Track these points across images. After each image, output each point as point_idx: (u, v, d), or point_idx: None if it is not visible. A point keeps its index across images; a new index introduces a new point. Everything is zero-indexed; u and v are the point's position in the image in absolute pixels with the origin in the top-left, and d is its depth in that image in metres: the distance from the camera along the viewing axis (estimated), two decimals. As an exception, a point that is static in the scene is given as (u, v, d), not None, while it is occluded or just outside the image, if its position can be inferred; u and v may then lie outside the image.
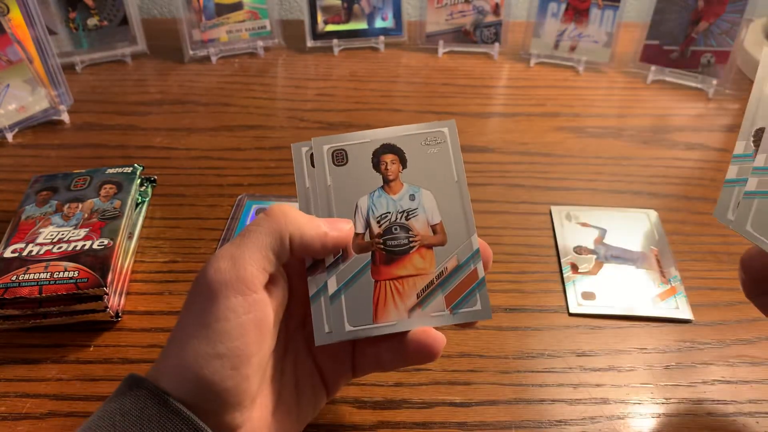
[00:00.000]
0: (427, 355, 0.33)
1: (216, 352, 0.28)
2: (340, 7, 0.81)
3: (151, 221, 0.55)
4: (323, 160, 0.35)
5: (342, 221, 0.33)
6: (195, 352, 0.28)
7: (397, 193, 0.35)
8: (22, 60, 0.63)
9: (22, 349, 0.44)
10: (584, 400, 0.42)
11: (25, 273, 0.43)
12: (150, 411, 0.28)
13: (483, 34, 0.82)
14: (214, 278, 0.29)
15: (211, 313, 0.29)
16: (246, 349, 0.29)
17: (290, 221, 0.31)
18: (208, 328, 0.28)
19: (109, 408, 0.29)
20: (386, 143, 0.35)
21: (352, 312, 0.33)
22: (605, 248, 0.52)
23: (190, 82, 0.76)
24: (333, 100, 0.73)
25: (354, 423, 0.40)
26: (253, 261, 0.30)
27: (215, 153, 0.64)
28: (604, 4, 0.76)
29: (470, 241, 0.34)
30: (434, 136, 0.35)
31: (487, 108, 0.73)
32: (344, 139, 0.35)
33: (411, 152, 0.35)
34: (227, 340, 0.28)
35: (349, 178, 0.34)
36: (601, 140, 0.67)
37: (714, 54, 0.74)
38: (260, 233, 0.31)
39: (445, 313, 0.33)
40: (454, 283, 0.33)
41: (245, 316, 0.29)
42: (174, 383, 0.29)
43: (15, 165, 0.62)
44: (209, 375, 0.28)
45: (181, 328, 0.30)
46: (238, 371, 0.29)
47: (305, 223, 0.32)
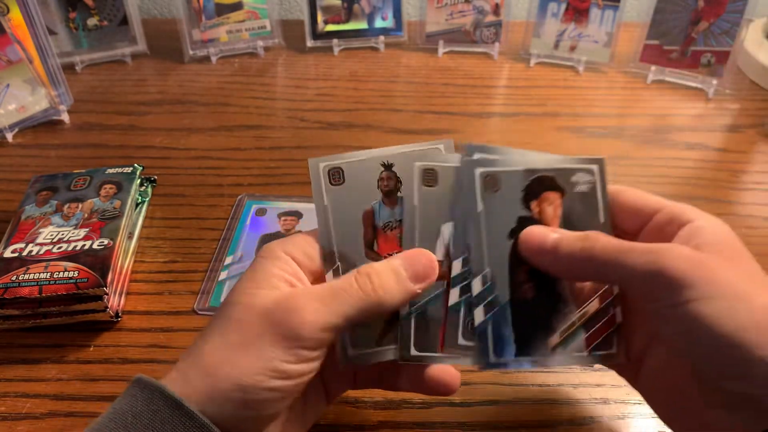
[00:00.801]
0: (443, 391, 0.35)
1: (272, 386, 0.29)
2: (340, 7, 0.81)
3: (151, 221, 0.55)
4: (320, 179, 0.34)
5: (421, 256, 0.32)
6: (252, 379, 0.28)
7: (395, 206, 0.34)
8: (22, 60, 0.63)
9: (22, 349, 0.44)
10: (584, 400, 0.42)
11: (25, 273, 0.43)
12: (163, 414, 0.27)
13: (483, 34, 0.82)
14: (297, 328, 0.29)
15: (282, 356, 0.29)
16: (297, 388, 0.30)
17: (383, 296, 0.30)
18: (273, 364, 0.28)
19: (120, 409, 0.28)
20: (384, 162, 0.34)
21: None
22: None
23: (190, 82, 0.76)
24: (333, 100, 0.73)
25: (354, 423, 0.40)
26: (334, 328, 0.29)
27: (215, 153, 0.64)
28: (604, 4, 0.76)
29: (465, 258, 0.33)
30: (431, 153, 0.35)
31: (487, 108, 0.73)
32: (341, 159, 0.34)
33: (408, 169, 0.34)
34: (285, 378, 0.29)
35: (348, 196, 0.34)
36: (601, 140, 0.67)
37: (714, 54, 0.74)
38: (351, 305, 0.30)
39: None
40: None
41: (306, 365, 0.29)
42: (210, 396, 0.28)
43: (15, 165, 0.62)
44: (256, 403, 0.28)
45: (241, 349, 0.29)
46: (281, 403, 0.30)
47: (396, 291, 0.31)
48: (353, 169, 0.34)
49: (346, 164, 0.34)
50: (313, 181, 0.34)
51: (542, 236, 0.32)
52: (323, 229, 0.33)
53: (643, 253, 0.29)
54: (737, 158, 0.66)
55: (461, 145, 0.34)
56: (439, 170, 0.33)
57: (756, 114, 0.72)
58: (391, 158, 0.34)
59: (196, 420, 0.27)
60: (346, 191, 0.34)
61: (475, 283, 0.33)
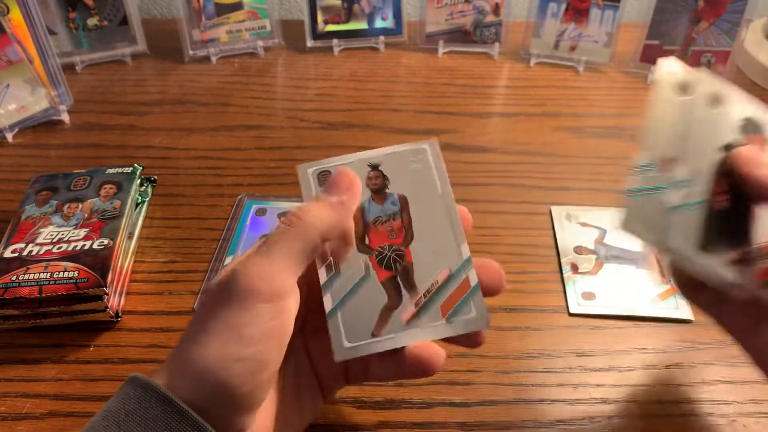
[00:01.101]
0: (426, 371, 0.34)
1: (239, 355, 0.28)
2: (340, 7, 0.81)
3: (151, 221, 0.55)
4: (310, 183, 0.36)
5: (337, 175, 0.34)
6: (217, 354, 0.28)
7: (384, 202, 0.36)
8: (22, 60, 0.63)
9: (22, 349, 0.44)
10: (584, 400, 0.42)
11: (25, 273, 0.43)
12: (155, 411, 0.27)
13: (483, 34, 0.82)
14: (244, 283, 0.29)
15: (239, 318, 0.28)
16: (267, 354, 0.29)
17: (312, 220, 0.31)
18: (233, 332, 0.28)
19: (113, 408, 0.29)
20: (371, 162, 0.36)
21: (350, 328, 0.33)
22: (605, 248, 0.52)
23: (190, 82, 0.76)
24: (333, 100, 0.73)
25: (354, 423, 0.40)
26: (283, 269, 0.30)
27: (215, 153, 0.64)
28: (604, 4, 0.76)
29: (459, 250, 0.34)
30: (416, 153, 0.36)
31: (487, 108, 0.73)
32: (329, 162, 0.36)
33: (394, 169, 0.36)
34: (251, 345, 0.28)
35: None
36: (601, 140, 0.67)
37: (714, 54, 0.74)
38: (287, 241, 0.31)
39: (441, 323, 0.33)
40: (447, 293, 0.34)
41: (271, 322, 0.29)
42: (186, 384, 0.28)
43: (15, 165, 0.62)
44: (229, 378, 0.28)
45: (201, 329, 0.29)
46: (255, 376, 0.29)
47: (322, 211, 0.32)
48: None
49: (334, 167, 0.36)
50: (303, 186, 0.36)
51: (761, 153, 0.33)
52: None
53: None
54: (737, 158, 0.65)
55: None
56: (333, 170, 0.36)
57: (756, 114, 0.72)
58: (378, 159, 0.36)
59: (188, 417, 0.27)
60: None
61: (680, 171, 0.35)
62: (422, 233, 0.35)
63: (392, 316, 0.33)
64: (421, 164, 0.36)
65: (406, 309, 0.34)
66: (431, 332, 0.33)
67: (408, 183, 0.36)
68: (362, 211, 0.35)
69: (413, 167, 0.36)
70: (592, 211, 0.56)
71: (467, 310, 0.33)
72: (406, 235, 0.35)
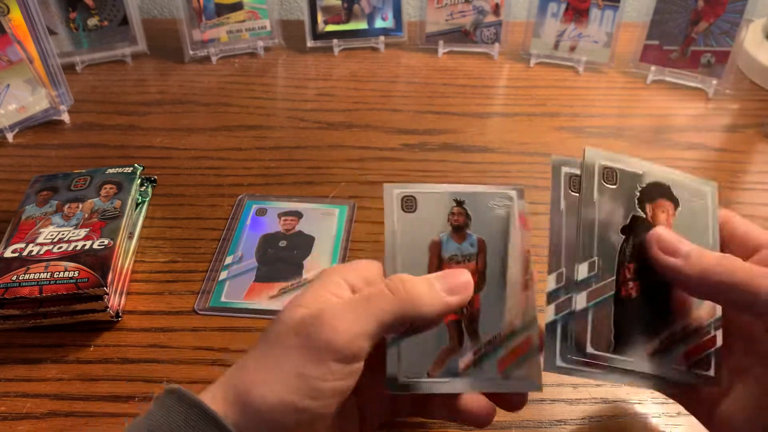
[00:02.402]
0: (477, 424, 0.34)
1: (303, 406, 0.28)
2: (340, 7, 0.81)
3: (152, 221, 0.55)
4: (393, 204, 0.35)
5: (459, 275, 0.32)
6: (282, 399, 0.28)
7: (463, 241, 0.35)
8: (23, 60, 0.63)
9: (22, 349, 0.44)
10: (584, 400, 0.42)
11: (25, 273, 0.43)
12: (201, 430, 0.27)
13: (483, 34, 0.82)
14: (328, 338, 0.28)
15: (314, 370, 0.28)
16: (329, 409, 0.29)
17: (416, 304, 0.30)
18: (305, 382, 0.28)
19: (156, 421, 0.28)
20: (457, 198, 0.35)
21: (407, 362, 0.32)
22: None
23: (190, 82, 0.76)
24: (333, 100, 0.73)
25: (354, 423, 0.40)
26: (368, 336, 0.29)
27: (215, 153, 0.64)
28: (604, 4, 0.76)
29: (528, 308, 0.34)
30: (501, 198, 0.36)
31: (487, 108, 0.73)
32: (415, 188, 0.35)
33: (478, 209, 0.35)
34: (318, 398, 0.28)
35: (418, 224, 0.35)
36: (601, 140, 0.67)
37: (714, 54, 0.74)
38: (383, 310, 0.29)
39: (497, 377, 0.33)
40: (508, 348, 0.33)
41: (341, 382, 0.29)
42: (240, 417, 0.28)
43: (15, 165, 0.62)
44: (287, 424, 0.28)
45: (271, 366, 0.28)
46: (311, 427, 0.29)
47: (429, 299, 0.31)
48: (426, 200, 0.35)
49: (420, 194, 0.35)
50: (386, 206, 0.35)
51: (677, 240, 0.32)
52: (390, 252, 0.34)
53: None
54: (737, 158, 0.66)
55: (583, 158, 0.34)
56: (418, 197, 0.35)
57: (756, 114, 0.72)
58: (464, 195, 0.35)
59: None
60: (416, 219, 0.35)
61: (581, 268, 0.32)
62: (494, 283, 0.34)
63: (450, 360, 0.33)
64: (505, 211, 0.36)
65: (465, 356, 0.33)
66: (485, 385, 0.33)
67: (488, 227, 0.35)
68: (439, 246, 0.34)
69: (497, 212, 0.35)
70: None
71: (524, 370, 0.33)
72: (479, 281, 0.34)
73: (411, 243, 0.34)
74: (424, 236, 0.34)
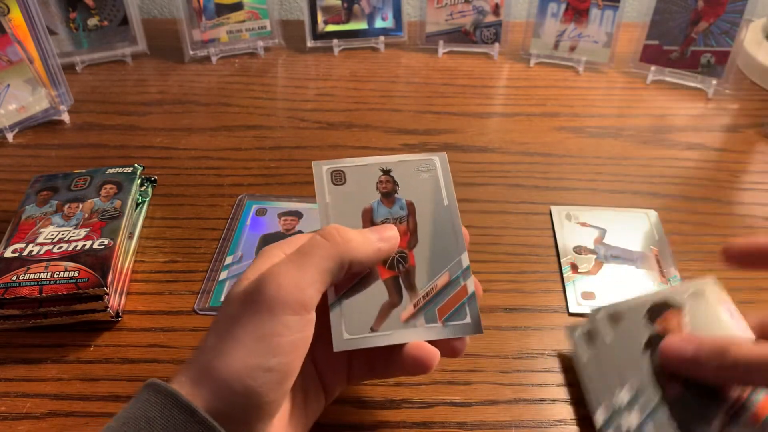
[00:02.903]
0: (422, 369, 0.34)
1: (267, 365, 0.29)
2: (340, 7, 0.81)
3: (152, 221, 0.55)
4: (323, 180, 0.37)
5: (387, 228, 0.35)
6: (245, 362, 0.28)
7: (392, 205, 0.37)
8: (23, 60, 0.63)
9: (22, 349, 0.44)
10: (584, 399, 0.42)
11: (25, 273, 0.43)
12: (176, 420, 0.27)
13: (483, 34, 0.82)
14: (275, 294, 0.29)
15: (268, 328, 0.29)
16: (293, 364, 0.30)
17: (350, 246, 0.32)
18: (262, 342, 0.29)
19: (133, 414, 0.28)
20: (383, 167, 0.38)
21: (350, 321, 0.34)
22: (605, 248, 0.52)
23: (190, 82, 0.76)
24: (333, 100, 0.73)
25: (354, 423, 0.40)
26: (313, 283, 0.30)
27: (215, 153, 0.64)
28: (604, 4, 0.76)
29: (460, 258, 0.36)
30: (426, 164, 0.39)
31: (487, 108, 0.73)
32: (344, 162, 0.38)
33: (405, 176, 0.38)
34: (279, 355, 0.29)
35: (348, 195, 0.37)
36: (601, 140, 0.67)
37: (714, 54, 0.74)
38: (322, 256, 0.31)
39: (438, 326, 0.35)
40: (445, 298, 0.35)
41: (298, 334, 0.30)
42: (209, 392, 0.28)
43: (15, 165, 0.62)
44: (256, 387, 0.28)
45: (228, 337, 0.29)
46: (281, 386, 0.29)
47: (362, 243, 0.33)
48: (354, 173, 0.38)
49: (348, 168, 0.38)
50: (317, 181, 0.37)
51: (680, 348, 0.37)
52: (324, 223, 0.36)
53: None
54: (737, 158, 0.66)
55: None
56: (346, 170, 0.38)
57: (756, 114, 0.72)
58: (390, 164, 0.38)
59: (210, 427, 0.27)
60: (346, 191, 0.37)
61: (623, 394, 0.38)
62: (426, 239, 0.36)
63: (391, 313, 0.35)
64: (429, 175, 0.38)
65: (405, 309, 0.35)
66: (427, 333, 0.34)
67: (416, 191, 0.37)
68: (371, 212, 0.36)
69: (422, 177, 0.38)
70: (592, 211, 0.56)
71: (463, 316, 0.35)
72: (411, 239, 0.36)
73: (343, 212, 0.36)
74: (355, 205, 0.37)
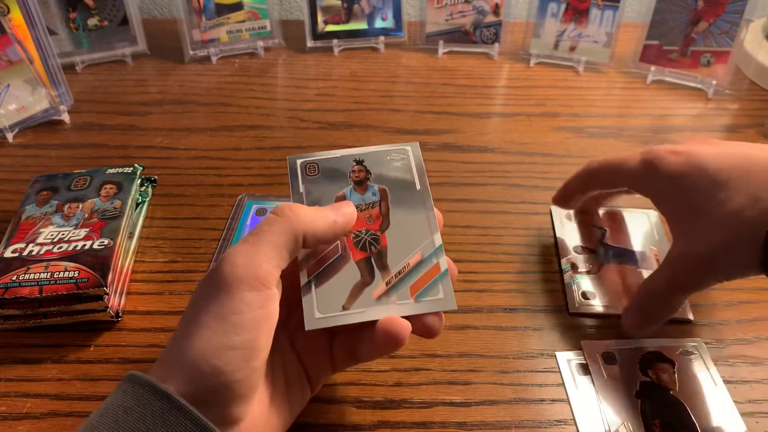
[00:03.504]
0: (394, 342, 0.35)
1: (231, 343, 0.29)
2: (340, 7, 0.81)
3: (152, 221, 0.55)
4: (297, 172, 0.39)
5: (344, 204, 0.36)
6: (209, 343, 0.29)
7: (365, 192, 0.39)
8: (23, 60, 0.63)
9: (22, 349, 0.44)
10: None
11: (25, 273, 0.43)
12: (153, 407, 0.28)
13: (483, 34, 0.82)
14: (230, 273, 0.30)
15: (227, 306, 0.29)
16: (258, 341, 0.30)
17: (302, 219, 0.33)
18: (223, 320, 0.29)
19: (111, 405, 0.29)
20: (355, 158, 0.40)
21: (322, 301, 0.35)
22: (605, 248, 0.52)
23: (190, 82, 0.76)
24: (333, 100, 0.73)
25: (354, 423, 0.40)
26: (269, 258, 0.31)
27: (215, 153, 0.64)
28: (603, 4, 0.76)
29: (432, 239, 0.37)
30: (398, 153, 0.40)
31: (487, 108, 0.73)
32: (318, 156, 0.40)
33: (378, 165, 0.40)
34: (242, 332, 0.29)
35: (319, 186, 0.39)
36: (601, 140, 0.67)
37: (714, 54, 0.74)
38: (274, 232, 0.32)
39: (410, 301, 0.35)
40: (417, 275, 0.36)
41: (259, 310, 0.30)
42: (180, 377, 0.29)
43: (15, 165, 0.62)
44: (222, 365, 0.29)
45: (192, 321, 0.30)
46: (248, 363, 0.30)
47: (316, 218, 0.34)
48: (327, 164, 0.40)
49: (321, 160, 0.40)
50: (291, 175, 0.39)
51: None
52: None
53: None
54: (737, 158, 0.65)
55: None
56: (320, 163, 0.40)
57: (756, 114, 0.72)
58: (362, 155, 0.40)
59: (185, 410, 0.28)
60: (320, 182, 0.39)
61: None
62: (398, 222, 0.38)
63: (363, 292, 0.35)
64: (402, 163, 0.40)
65: (378, 287, 0.36)
66: (399, 309, 0.35)
67: (389, 177, 0.39)
68: (344, 198, 0.38)
69: (395, 165, 0.40)
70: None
71: (435, 292, 0.35)
72: (383, 222, 0.38)
73: (317, 201, 0.38)
74: (329, 194, 0.38)
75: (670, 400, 0.41)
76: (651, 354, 0.44)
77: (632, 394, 0.41)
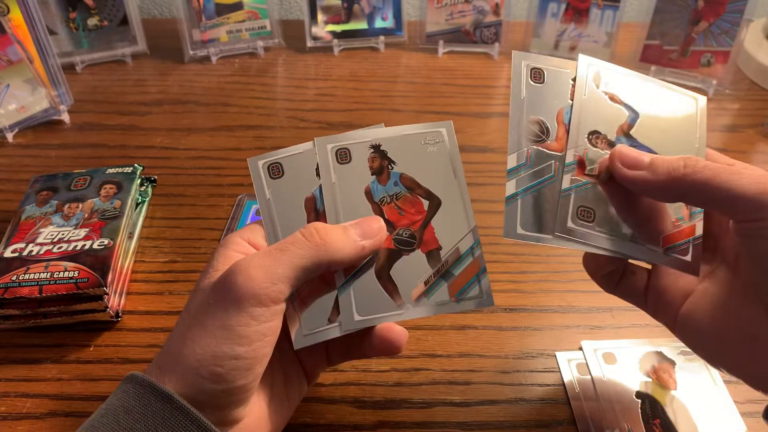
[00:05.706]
0: (390, 349, 0.35)
1: (234, 353, 0.29)
2: (340, 7, 0.81)
3: (151, 221, 0.55)
4: (327, 158, 0.35)
5: (373, 221, 0.34)
6: (212, 350, 0.29)
7: (387, 183, 0.35)
8: (23, 60, 0.63)
9: (22, 349, 0.44)
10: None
11: (25, 273, 0.43)
12: (154, 407, 0.28)
13: (483, 34, 0.82)
14: (243, 285, 0.29)
15: (235, 318, 0.29)
16: (261, 351, 0.30)
17: (330, 248, 0.31)
18: (230, 331, 0.29)
19: (112, 405, 0.29)
20: (372, 143, 0.36)
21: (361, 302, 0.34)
22: (628, 144, 0.36)
23: (190, 82, 0.76)
24: (333, 100, 0.73)
25: (354, 423, 0.40)
26: (285, 278, 0.30)
27: (215, 153, 0.64)
28: (604, 4, 0.76)
29: (471, 233, 0.35)
30: (432, 135, 0.36)
31: (487, 108, 0.73)
32: (346, 139, 0.36)
33: (409, 150, 0.36)
34: (246, 344, 0.29)
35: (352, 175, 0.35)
36: (601, 140, 0.67)
37: (714, 54, 0.74)
38: (298, 255, 0.31)
39: (450, 302, 0.34)
40: (457, 273, 0.34)
41: (266, 323, 0.30)
42: (181, 380, 0.29)
43: (15, 165, 0.62)
44: (224, 373, 0.29)
45: (196, 327, 0.30)
46: (251, 371, 0.30)
47: (345, 244, 0.32)
48: (291, 163, 0.36)
49: (285, 158, 0.36)
50: (254, 179, 0.35)
51: (638, 153, 0.33)
52: (267, 220, 0.35)
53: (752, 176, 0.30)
54: (737, 158, 0.65)
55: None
56: (351, 148, 0.35)
57: (756, 114, 0.72)
58: (387, 140, 0.36)
59: (186, 411, 0.28)
60: (286, 183, 0.35)
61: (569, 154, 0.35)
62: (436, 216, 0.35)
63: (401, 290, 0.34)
64: (438, 147, 0.36)
65: (416, 287, 0.34)
66: (440, 309, 0.34)
67: (424, 166, 0.35)
68: (371, 192, 0.35)
69: (430, 150, 0.36)
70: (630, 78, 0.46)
71: (476, 290, 0.34)
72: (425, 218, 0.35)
73: (285, 206, 0.35)
74: (358, 186, 0.35)
75: (670, 400, 0.41)
76: (651, 354, 0.44)
77: (632, 394, 0.41)
